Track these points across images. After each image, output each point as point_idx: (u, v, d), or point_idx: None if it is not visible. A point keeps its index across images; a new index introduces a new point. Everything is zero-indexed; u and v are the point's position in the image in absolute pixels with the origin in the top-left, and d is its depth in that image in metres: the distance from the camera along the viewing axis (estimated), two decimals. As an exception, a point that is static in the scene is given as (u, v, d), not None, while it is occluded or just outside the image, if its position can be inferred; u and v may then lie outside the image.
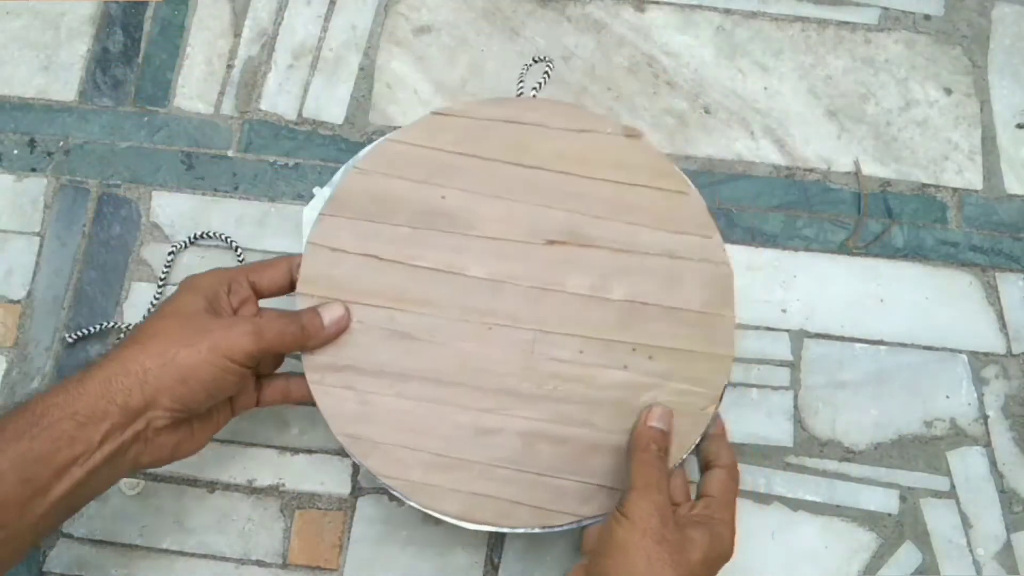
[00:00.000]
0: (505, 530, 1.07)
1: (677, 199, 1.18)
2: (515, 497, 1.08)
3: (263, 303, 1.14)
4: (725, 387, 1.12)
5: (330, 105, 1.42)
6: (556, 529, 1.07)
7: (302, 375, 1.16)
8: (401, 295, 1.13)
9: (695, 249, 1.16)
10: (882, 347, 1.29)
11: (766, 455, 1.24)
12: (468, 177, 1.17)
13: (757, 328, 1.30)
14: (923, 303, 1.31)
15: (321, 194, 1.18)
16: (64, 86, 1.44)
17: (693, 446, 1.10)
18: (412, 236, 1.16)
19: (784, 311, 1.31)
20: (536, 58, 1.36)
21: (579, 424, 1.10)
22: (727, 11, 1.46)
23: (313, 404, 1.12)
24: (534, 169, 1.18)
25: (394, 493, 1.09)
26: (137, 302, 1.33)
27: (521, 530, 1.07)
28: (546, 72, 1.31)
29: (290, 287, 1.13)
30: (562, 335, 1.12)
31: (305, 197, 1.38)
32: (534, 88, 1.27)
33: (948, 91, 1.41)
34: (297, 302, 1.13)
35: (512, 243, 1.15)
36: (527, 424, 1.10)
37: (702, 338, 1.12)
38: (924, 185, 1.37)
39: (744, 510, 1.19)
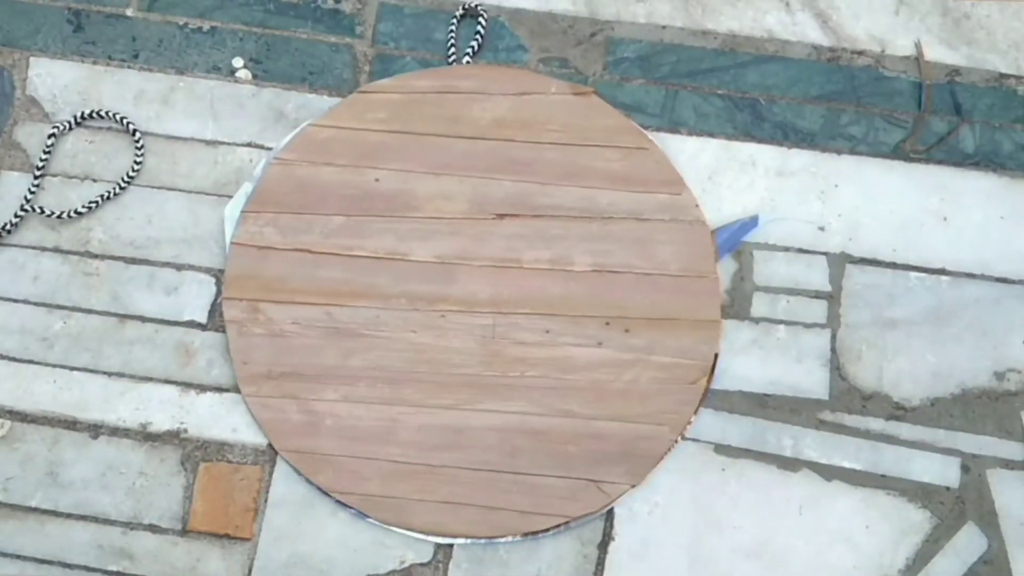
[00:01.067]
0: (482, 541, 1.09)
1: (638, 156, 1.23)
2: (491, 502, 1.10)
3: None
4: (716, 356, 1.16)
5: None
6: (541, 536, 1.10)
7: None
8: (339, 289, 1.17)
9: (664, 208, 1.21)
10: (944, 277, 1.23)
11: (794, 409, 1.18)
12: (402, 156, 1.22)
13: (787, 250, 1.24)
14: (997, 223, 1.25)
15: (243, 190, 1.22)
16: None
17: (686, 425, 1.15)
18: (347, 225, 1.19)
19: (822, 229, 1.25)
20: (466, 7, 1.32)
21: (556, 413, 1.13)
22: None
23: None
24: (473, 140, 1.23)
25: (352, 511, 1.11)
26: (6, 196, 1.25)
27: (504, 540, 1.10)
28: (479, 29, 1.32)
29: None
30: (524, 315, 1.16)
31: (222, 70, 1.32)
32: (468, 52, 1.30)
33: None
34: (224, 306, 1.17)
35: (458, 221, 1.19)
36: (497, 418, 1.13)
37: (684, 304, 1.16)
38: (1002, 76, 1.31)
39: (764, 478, 1.15)
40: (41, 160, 1.25)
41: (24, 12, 1.31)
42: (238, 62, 1.29)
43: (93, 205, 1.23)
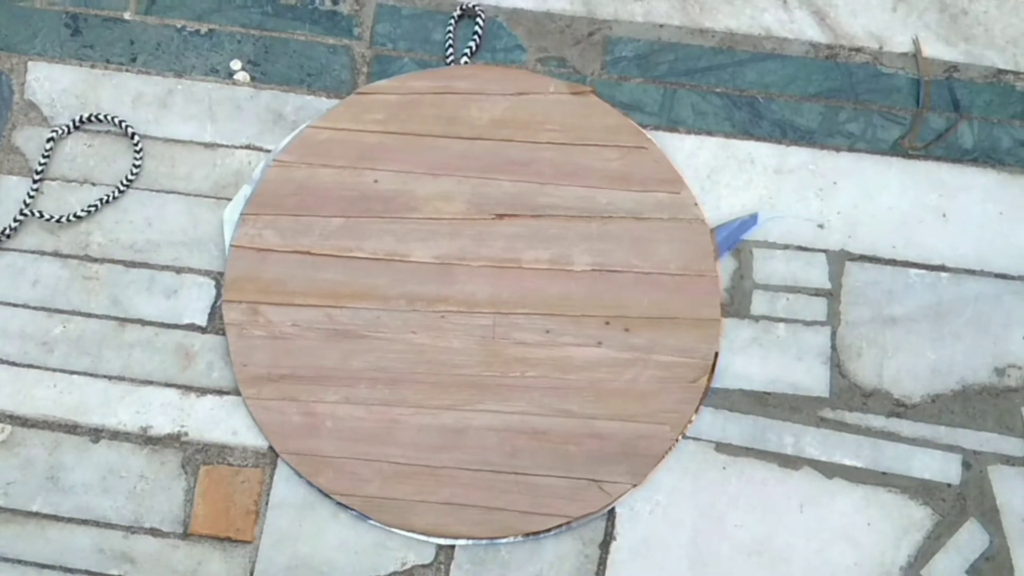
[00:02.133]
0: (484, 542, 1.09)
1: (636, 155, 1.23)
2: (492, 503, 1.10)
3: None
4: (716, 355, 1.16)
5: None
6: (543, 536, 1.10)
7: None
8: (338, 290, 1.17)
9: (663, 207, 1.21)
10: (943, 274, 1.23)
11: (795, 407, 1.17)
12: (400, 156, 1.22)
13: (786, 247, 1.24)
14: (996, 219, 1.24)
15: (241, 193, 1.22)
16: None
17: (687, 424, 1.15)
18: (346, 226, 1.19)
19: (821, 227, 1.24)
20: (463, 7, 1.32)
21: (556, 413, 1.13)
22: None
23: None
24: (471, 140, 1.23)
25: (353, 513, 1.11)
26: (6, 200, 1.25)
27: (505, 540, 1.10)
28: (477, 29, 1.31)
29: None
30: (524, 315, 1.16)
31: (221, 72, 1.32)
32: (466, 52, 1.30)
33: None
34: (224, 309, 1.17)
35: (457, 221, 1.19)
36: (497, 419, 1.12)
37: (684, 303, 1.16)
38: (1000, 71, 1.30)
39: (765, 476, 1.15)
40: (40, 164, 1.24)
41: (22, 16, 1.31)
42: (236, 64, 1.28)
43: (92, 209, 1.22)
